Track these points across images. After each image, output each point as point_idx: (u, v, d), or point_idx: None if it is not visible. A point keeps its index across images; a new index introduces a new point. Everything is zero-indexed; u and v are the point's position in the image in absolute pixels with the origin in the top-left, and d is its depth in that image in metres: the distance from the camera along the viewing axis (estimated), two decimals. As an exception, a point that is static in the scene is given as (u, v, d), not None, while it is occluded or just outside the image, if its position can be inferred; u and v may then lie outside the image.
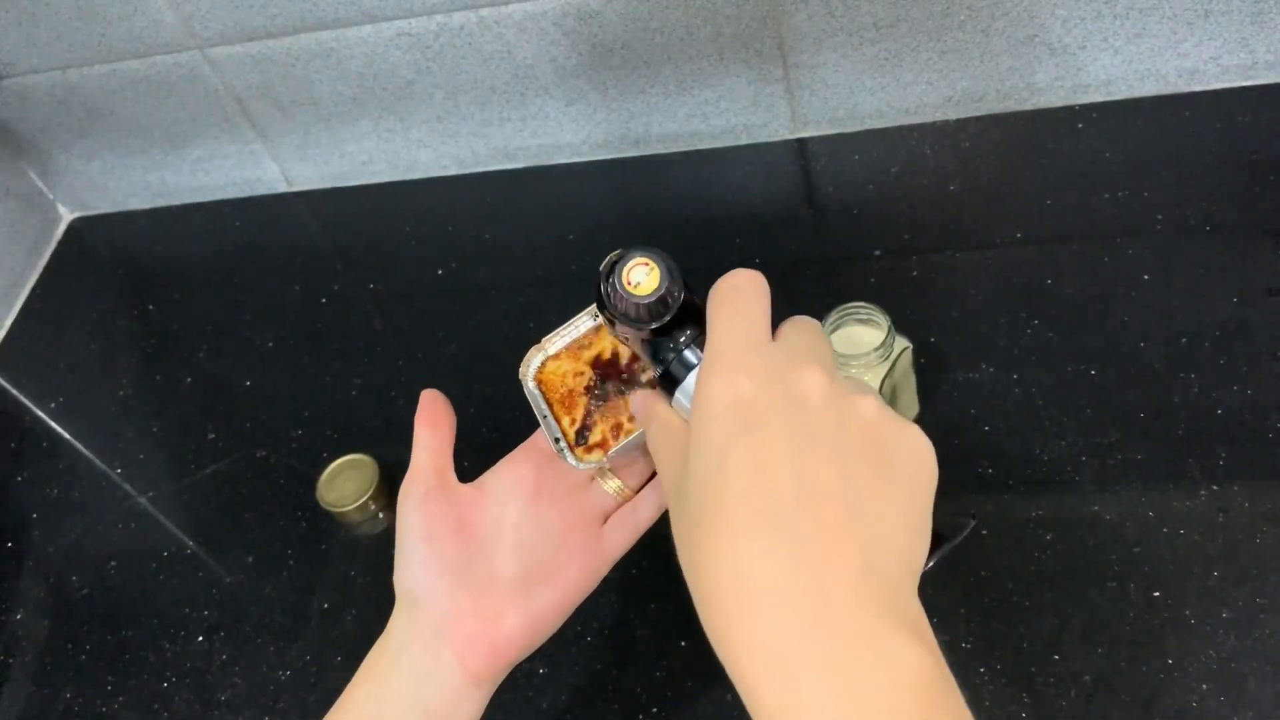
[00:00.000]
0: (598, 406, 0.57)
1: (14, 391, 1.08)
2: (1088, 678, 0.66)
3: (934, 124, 1.00)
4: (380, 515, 0.87)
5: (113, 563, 0.91)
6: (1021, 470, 0.76)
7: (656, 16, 0.95)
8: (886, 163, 0.99)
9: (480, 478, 0.60)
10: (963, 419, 0.80)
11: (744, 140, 1.05)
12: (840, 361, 0.72)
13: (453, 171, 1.13)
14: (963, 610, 0.71)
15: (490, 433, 0.90)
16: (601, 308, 0.50)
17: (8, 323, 1.15)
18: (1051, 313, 0.84)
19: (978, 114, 0.99)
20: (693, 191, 1.03)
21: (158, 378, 1.04)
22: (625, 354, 0.56)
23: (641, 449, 0.59)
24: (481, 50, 1.00)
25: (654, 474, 0.59)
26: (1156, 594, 0.69)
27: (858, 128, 1.02)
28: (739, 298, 0.45)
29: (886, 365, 0.72)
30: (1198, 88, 0.95)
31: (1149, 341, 0.81)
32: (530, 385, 0.56)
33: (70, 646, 0.86)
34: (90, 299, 1.15)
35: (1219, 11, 0.89)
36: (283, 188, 1.18)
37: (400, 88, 1.04)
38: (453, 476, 0.58)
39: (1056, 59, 0.94)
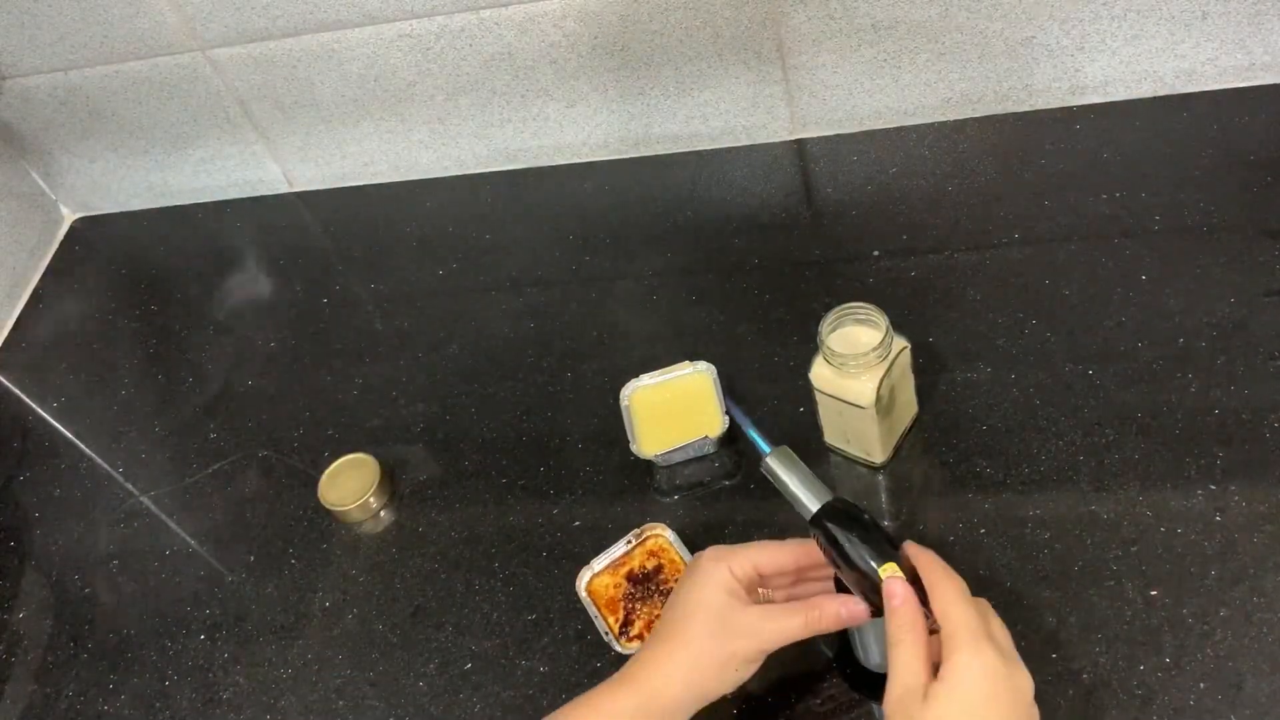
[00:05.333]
0: (634, 606, 0.74)
1: (16, 391, 1.08)
2: (1086, 676, 0.67)
3: (932, 125, 1.01)
4: (381, 514, 0.88)
5: (114, 562, 0.91)
6: (1019, 470, 0.77)
7: (656, 18, 0.95)
8: (885, 164, 0.99)
9: None
10: (960, 418, 0.80)
11: (743, 141, 1.05)
12: (839, 361, 0.72)
13: (453, 172, 1.13)
14: (961, 609, 0.71)
15: (490, 432, 0.90)
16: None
17: (10, 323, 1.15)
18: (1049, 313, 0.85)
19: (976, 115, 1.00)
20: (693, 192, 1.03)
21: (159, 377, 1.05)
22: (650, 568, 0.76)
23: None
24: (482, 52, 1.00)
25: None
26: (1154, 593, 0.69)
27: (856, 129, 1.02)
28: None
29: (885, 365, 0.72)
30: (1195, 89, 0.95)
31: (1146, 342, 0.81)
32: (583, 595, 0.76)
33: (72, 645, 0.86)
34: (92, 299, 1.16)
35: (1216, 13, 0.89)
36: (284, 188, 1.18)
37: (401, 89, 1.05)
38: None
39: (1054, 60, 0.94)
